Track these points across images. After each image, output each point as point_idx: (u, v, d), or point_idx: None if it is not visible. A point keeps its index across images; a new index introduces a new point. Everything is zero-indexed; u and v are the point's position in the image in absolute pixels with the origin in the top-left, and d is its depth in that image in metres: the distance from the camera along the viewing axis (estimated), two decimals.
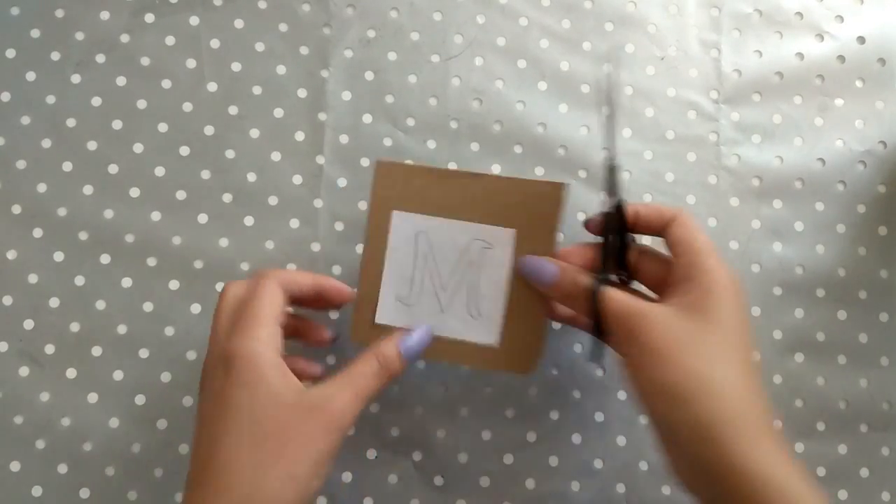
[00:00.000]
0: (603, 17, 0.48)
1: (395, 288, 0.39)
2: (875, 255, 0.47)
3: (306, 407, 0.32)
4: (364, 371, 0.34)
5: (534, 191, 0.38)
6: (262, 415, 0.31)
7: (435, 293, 0.39)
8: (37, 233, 0.43)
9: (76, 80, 0.44)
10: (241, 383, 0.32)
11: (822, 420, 0.45)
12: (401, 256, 0.39)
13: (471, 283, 0.39)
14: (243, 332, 0.33)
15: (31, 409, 0.42)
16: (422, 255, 0.39)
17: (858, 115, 0.48)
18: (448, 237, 0.39)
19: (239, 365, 0.32)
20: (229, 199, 0.44)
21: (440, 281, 0.39)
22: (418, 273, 0.39)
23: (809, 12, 0.49)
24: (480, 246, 0.39)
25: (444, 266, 0.39)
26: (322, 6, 0.46)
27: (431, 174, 0.39)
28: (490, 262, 0.38)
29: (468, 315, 0.38)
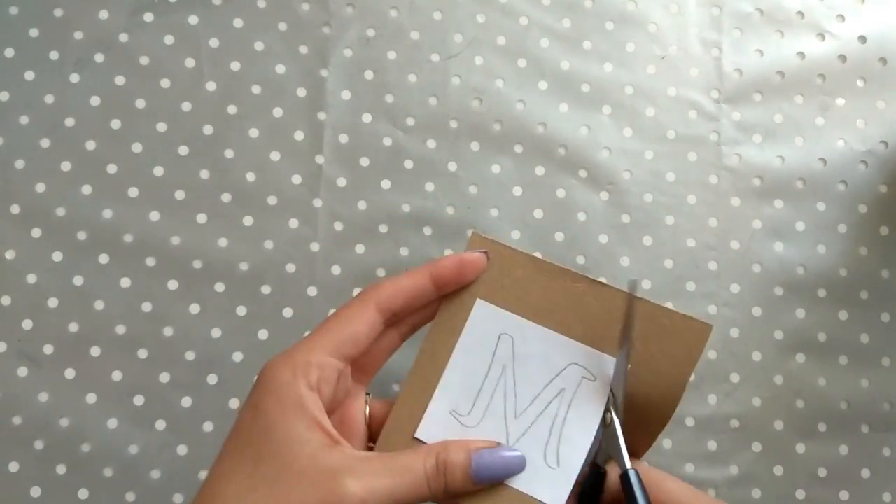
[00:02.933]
0: (603, 16, 0.47)
1: (454, 398, 0.30)
2: (876, 256, 0.46)
3: (319, 471, 0.26)
4: (413, 466, 0.27)
5: (667, 322, 0.30)
6: (269, 455, 0.26)
7: (504, 419, 0.30)
8: (35, 233, 0.43)
9: (75, 80, 0.44)
10: (259, 409, 0.28)
11: (823, 420, 0.45)
12: (471, 360, 0.30)
13: (556, 420, 0.30)
14: (288, 356, 0.28)
15: (30, 410, 0.42)
16: (499, 364, 0.30)
17: (860, 114, 0.48)
18: (540, 350, 0.30)
19: (264, 388, 0.28)
20: (228, 199, 0.44)
21: (515, 404, 0.30)
22: (489, 386, 0.30)
23: (811, 11, 0.48)
24: (579, 374, 0.30)
25: (525, 387, 0.30)
26: (321, 5, 0.46)
27: (536, 266, 0.31)
28: (587, 398, 0.30)
29: (542, 461, 0.29)
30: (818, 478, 0.44)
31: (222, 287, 0.43)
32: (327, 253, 0.44)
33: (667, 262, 0.46)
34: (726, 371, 0.45)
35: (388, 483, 0.26)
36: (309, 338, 0.29)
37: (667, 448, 0.44)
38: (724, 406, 0.44)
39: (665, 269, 0.45)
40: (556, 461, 0.29)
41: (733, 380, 0.45)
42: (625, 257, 0.45)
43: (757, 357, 0.45)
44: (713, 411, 0.44)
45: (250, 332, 0.43)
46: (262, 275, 0.44)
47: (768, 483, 0.44)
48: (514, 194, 0.45)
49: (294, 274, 0.44)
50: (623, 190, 0.46)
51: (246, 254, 0.44)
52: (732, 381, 0.45)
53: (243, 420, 0.28)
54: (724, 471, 0.44)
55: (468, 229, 0.45)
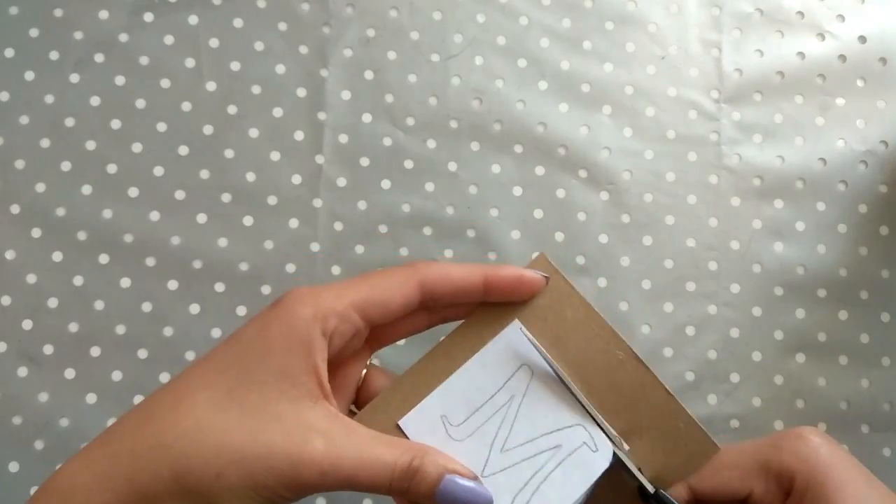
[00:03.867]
0: (603, 16, 0.47)
1: (450, 404, 0.29)
2: (876, 256, 0.46)
3: (290, 418, 0.25)
4: (385, 459, 0.26)
5: (681, 427, 0.29)
6: (249, 385, 0.26)
7: (490, 447, 0.29)
8: (35, 233, 0.43)
9: (75, 80, 0.44)
10: (263, 328, 0.26)
11: (823, 420, 0.45)
12: (483, 375, 0.29)
13: (540, 472, 0.28)
14: (318, 293, 0.27)
15: (30, 410, 0.42)
16: (508, 392, 0.29)
17: (860, 114, 0.48)
18: (554, 398, 0.29)
19: (278, 310, 0.27)
20: (228, 199, 0.44)
21: (506, 438, 0.29)
22: (489, 409, 0.29)
23: (810, 11, 0.48)
24: (582, 439, 0.29)
25: (524, 425, 0.29)
26: (321, 5, 0.46)
27: (587, 313, 0.30)
28: (581, 465, 0.28)
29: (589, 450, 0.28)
30: None
31: (222, 287, 0.43)
32: (327, 253, 0.44)
33: (667, 263, 0.45)
34: (726, 371, 0.45)
35: (355, 464, 0.25)
36: (342, 284, 0.28)
37: None
38: (724, 406, 0.44)
39: (665, 269, 0.45)
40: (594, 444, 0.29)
41: (733, 380, 0.45)
42: (625, 257, 0.45)
43: (757, 357, 0.45)
44: (713, 411, 0.44)
45: None
46: (262, 275, 0.44)
47: None
48: (514, 194, 0.45)
49: (294, 274, 0.44)
50: (623, 190, 0.46)
51: (246, 254, 0.44)
52: (732, 381, 0.45)
53: (245, 334, 0.27)
54: None
55: (468, 230, 0.45)
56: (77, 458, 0.26)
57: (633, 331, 0.45)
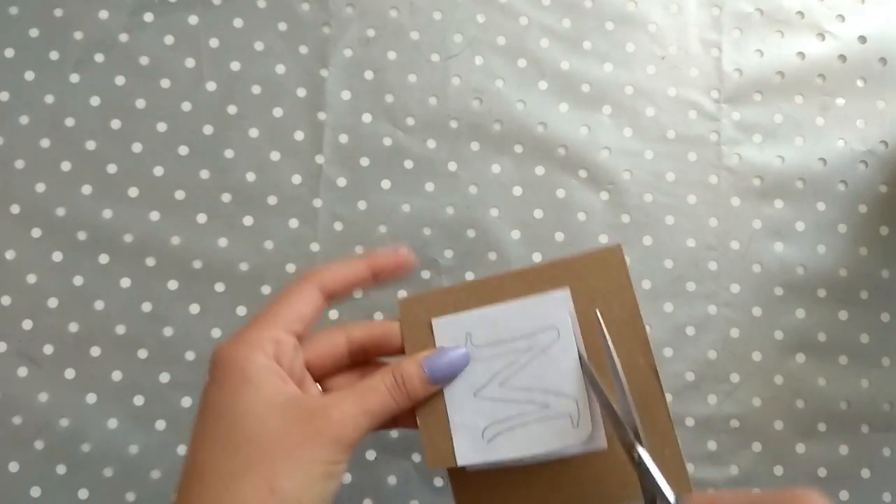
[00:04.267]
0: (603, 16, 0.47)
1: (478, 327, 0.32)
2: (876, 256, 0.46)
3: (298, 413, 0.28)
4: (376, 385, 0.30)
5: (665, 456, 0.30)
6: (242, 418, 0.28)
7: (491, 377, 0.32)
8: (35, 233, 0.43)
9: (75, 80, 0.44)
10: (221, 385, 0.29)
11: (823, 420, 0.45)
12: (518, 318, 0.32)
13: (522, 420, 0.31)
14: (238, 336, 0.30)
15: (30, 410, 0.42)
16: (530, 342, 0.32)
17: (860, 114, 0.48)
18: (564, 367, 0.31)
19: (222, 366, 0.29)
20: (228, 199, 0.44)
21: (509, 378, 0.32)
22: (507, 348, 0.32)
23: (810, 11, 0.48)
24: (568, 410, 0.31)
25: (527, 377, 0.32)
26: (321, 5, 0.46)
27: (631, 317, 0.32)
28: (557, 431, 0.31)
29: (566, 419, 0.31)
30: (818, 478, 0.44)
31: (222, 287, 0.43)
32: (327, 253, 0.44)
33: (667, 263, 0.45)
34: (726, 371, 0.45)
35: (359, 404, 0.29)
36: (256, 319, 0.31)
37: None
38: (724, 406, 0.44)
39: (665, 269, 0.45)
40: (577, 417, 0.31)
41: (733, 380, 0.45)
42: (625, 257, 0.45)
43: (757, 357, 0.45)
44: (713, 411, 0.44)
45: None
46: (262, 275, 0.44)
47: (768, 483, 0.44)
48: (514, 194, 0.45)
49: (294, 274, 0.44)
50: (623, 190, 0.46)
51: (246, 254, 0.44)
52: (732, 381, 0.45)
53: (209, 398, 0.29)
54: (725, 471, 0.44)
55: (468, 229, 0.45)
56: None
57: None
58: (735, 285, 0.45)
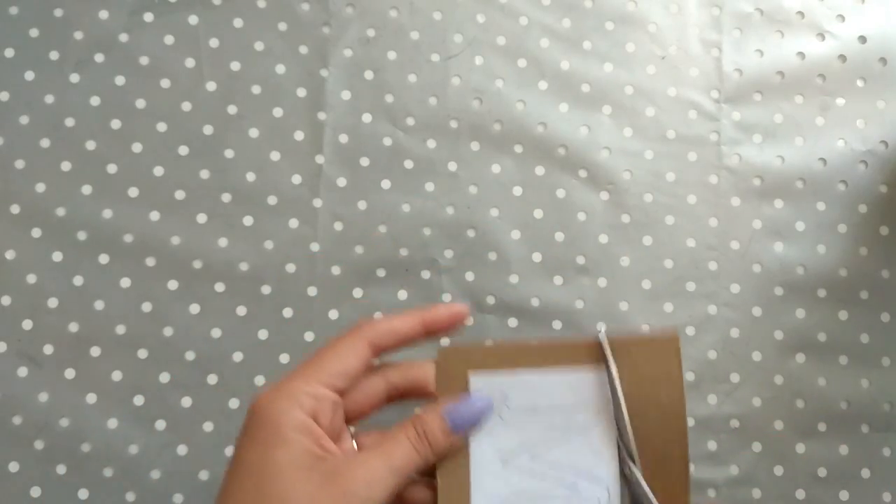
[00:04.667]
0: (603, 16, 0.47)
1: (516, 390, 0.31)
2: (876, 256, 0.46)
3: (326, 475, 0.28)
4: (399, 440, 0.29)
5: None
6: (272, 479, 0.27)
7: (522, 446, 0.31)
8: (35, 233, 0.43)
9: (75, 80, 0.44)
10: (254, 439, 0.28)
11: (823, 420, 0.45)
12: (559, 389, 0.31)
13: (547, 498, 0.30)
14: (279, 387, 0.29)
15: (30, 410, 0.42)
16: (568, 416, 0.31)
17: (860, 114, 0.48)
18: (600, 449, 0.30)
19: (256, 421, 0.28)
20: (228, 199, 0.44)
21: (541, 452, 0.30)
22: (542, 418, 0.31)
23: (811, 11, 0.48)
24: (597, 496, 0.30)
25: (561, 453, 0.30)
26: (321, 5, 0.46)
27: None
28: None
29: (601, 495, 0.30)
30: (818, 478, 0.44)
31: (222, 287, 0.43)
32: (327, 253, 0.44)
33: (667, 263, 0.46)
34: (726, 371, 0.45)
35: (384, 461, 0.28)
36: (300, 368, 0.30)
37: None
38: (724, 406, 0.44)
39: (665, 269, 0.45)
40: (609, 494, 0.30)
41: (733, 380, 0.45)
42: (625, 257, 0.45)
43: (757, 357, 0.45)
44: (713, 411, 0.44)
45: (250, 332, 0.43)
46: (261, 275, 0.44)
47: (768, 483, 0.44)
48: (514, 194, 0.45)
49: (294, 274, 0.44)
50: (623, 190, 0.46)
51: (246, 254, 0.44)
52: (732, 381, 0.45)
53: (241, 453, 0.28)
54: (725, 471, 0.44)
55: (468, 229, 0.45)
56: None
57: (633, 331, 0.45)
58: (735, 285, 0.45)
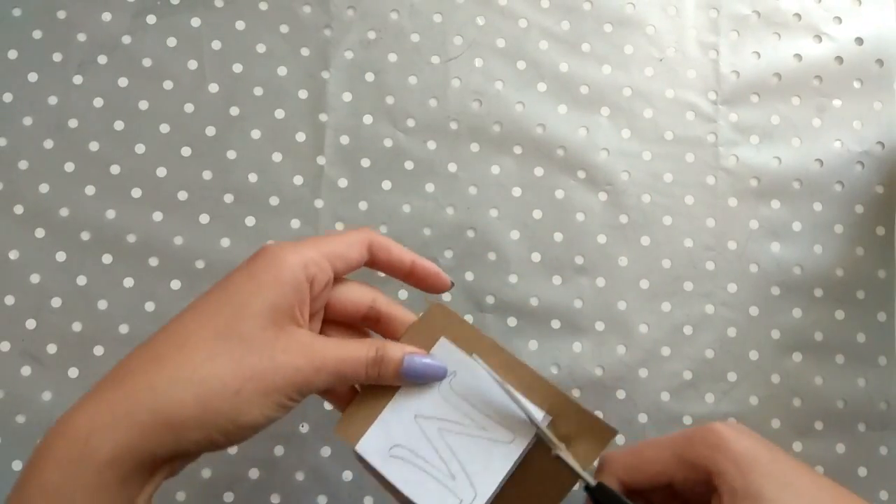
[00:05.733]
0: (602, 18, 0.48)
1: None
2: (873, 256, 0.47)
3: (285, 332, 0.29)
4: (359, 352, 0.31)
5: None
6: (248, 316, 0.29)
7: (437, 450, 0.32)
8: (39, 233, 0.43)
9: (78, 81, 0.45)
10: (252, 274, 0.30)
11: (820, 419, 0.45)
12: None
13: (477, 416, 0.32)
14: (293, 245, 0.31)
15: (33, 409, 0.42)
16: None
17: (856, 115, 0.48)
18: (416, 404, 0.33)
19: (264, 260, 0.30)
20: (230, 200, 0.45)
21: (447, 439, 0.33)
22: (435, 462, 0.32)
23: (808, 13, 0.49)
24: (447, 384, 0.33)
25: (462, 425, 0.33)
26: (323, 8, 0.47)
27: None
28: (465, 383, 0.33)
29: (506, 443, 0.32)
30: None
31: None
32: None
33: (664, 263, 0.46)
34: (724, 370, 0.45)
35: (337, 361, 0.30)
36: (311, 240, 0.31)
37: None
38: (721, 405, 0.45)
39: (663, 269, 0.46)
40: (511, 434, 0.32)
41: (730, 379, 0.45)
42: (623, 257, 0.46)
43: (754, 356, 0.45)
44: (710, 410, 0.45)
45: None
46: None
47: None
48: (514, 195, 0.46)
49: None
50: (621, 191, 0.46)
51: (248, 254, 0.43)
52: (730, 380, 0.45)
53: (234, 280, 0.30)
54: None
55: (468, 230, 0.45)
56: (88, 400, 0.28)
57: (631, 330, 0.45)
58: (732, 285, 0.46)
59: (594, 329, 0.45)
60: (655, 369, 0.45)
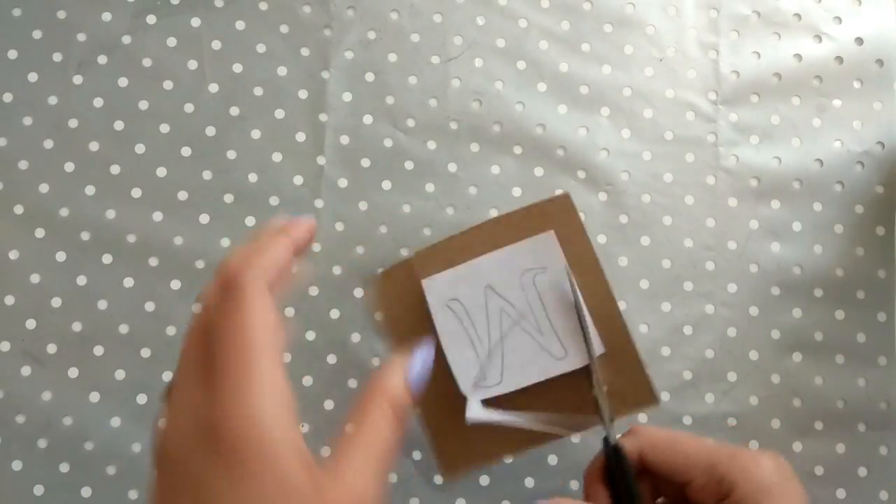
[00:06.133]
0: (602, 18, 0.48)
1: (471, 374, 0.32)
2: (873, 256, 0.47)
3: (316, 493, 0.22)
4: (378, 425, 0.25)
5: (542, 211, 0.33)
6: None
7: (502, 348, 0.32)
8: (39, 233, 0.43)
9: (78, 81, 0.45)
10: (241, 478, 0.21)
11: (820, 419, 0.45)
12: (457, 332, 0.32)
13: (542, 318, 0.32)
14: (234, 394, 0.22)
15: (33, 409, 0.42)
16: (477, 311, 0.32)
17: (856, 115, 0.48)
18: (495, 277, 0.32)
19: (239, 451, 0.22)
20: (230, 200, 0.45)
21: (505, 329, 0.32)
22: (482, 335, 0.32)
23: (808, 13, 0.49)
24: (532, 275, 0.33)
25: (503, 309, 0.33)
26: (323, 8, 0.47)
27: (436, 248, 0.33)
28: (549, 283, 0.32)
29: (552, 357, 0.32)
30: (815, 476, 0.45)
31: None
32: (328, 253, 0.44)
33: (664, 263, 0.46)
34: (724, 370, 0.45)
35: (376, 458, 0.25)
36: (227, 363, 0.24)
37: None
38: (721, 405, 0.45)
39: (663, 269, 0.46)
40: (564, 351, 0.32)
41: (730, 379, 0.45)
42: (623, 257, 0.46)
43: (754, 356, 0.45)
44: (710, 410, 0.45)
45: None
46: None
47: None
48: (514, 195, 0.46)
49: (295, 274, 0.44)
50: (621, 191, 0.46)
51: None
52: (730, 380, 0.45)
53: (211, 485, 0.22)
54: None
55: None
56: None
57: (632, 330, 0.45)
58: (732, 285, 0.46)
59: None
60: (655, 369, 0.45)
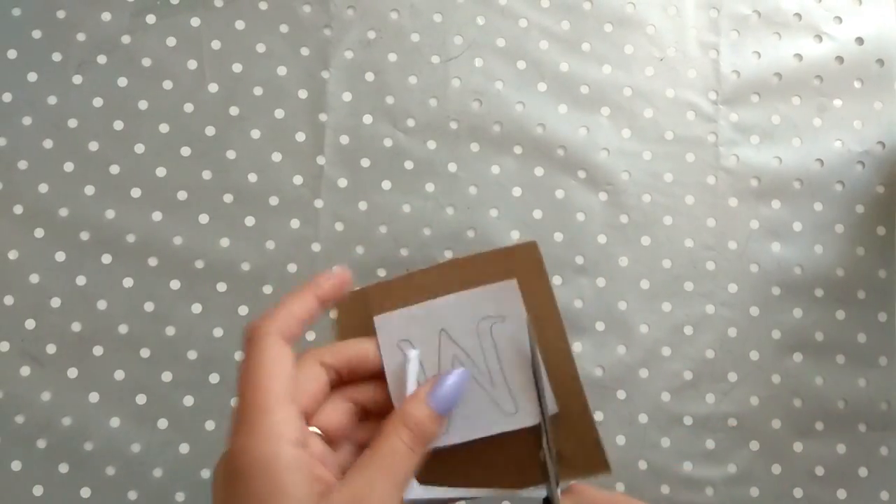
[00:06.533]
0: (602, 18, 0.48)
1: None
2: (873, 256, 0.47)
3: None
4: (395, 448, 0.27)
5: (507, 257, 0.32)
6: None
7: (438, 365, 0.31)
8: (38, 233, 0.43)
9: (77, 81, 0.45)
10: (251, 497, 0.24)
11: (820, 420, 0.45)
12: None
13: (496, 369, 0.31)
14: (247, 427, 0.25)
15: (32, 409, 0.42)
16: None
17: (857, 115, 0.48)
18: (451, 321, 0.31)
19: (248, 475, 0.24)
20: (230, 200, 0.44)
21: None
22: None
23: (808, 13, 0.49)
24: (489, 324, 0.31)
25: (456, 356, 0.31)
26: (323, 7, 0.47)
27: (392, 284, 0.32)
28: (507, 334, 0.31)
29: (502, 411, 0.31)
30: (816, 476, 0.45)
31: (224, 287, 0.44)
32: (328, 253, 0.44)
33: (665, 263, 0.46)
34: (724, 370, 0.45)
35: (392, 480, 0.26)
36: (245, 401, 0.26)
37: (665, 446, 0.44)
38: (722, 405, 0.45)
39: (663, 268, 0.46)
40: (515, 406, 0.30)
41: (731, 379, 0.45)
42: (623, 257, 0.46)
43: (755, 356, 0.45)
44: (711, 410, 0.45)
45: None
46: (263, 275, 0.44)
47: (766, 482, 0.44)
48: (514, 195, 0.46)
49: (295, 274, 0.44)
50: (621, 190, 0.46)
51: (248, 254, 0.44)
52: (730, 381, 0.45)
53: None
54: (722, 469, 0.44)
55: (468, 230, 0.45)
56: None
57: (632, 330, 0.45)
58: (733, 285, 0.46)
59: (594, 329, 0.45)
60: (656, 369, 0.45)
